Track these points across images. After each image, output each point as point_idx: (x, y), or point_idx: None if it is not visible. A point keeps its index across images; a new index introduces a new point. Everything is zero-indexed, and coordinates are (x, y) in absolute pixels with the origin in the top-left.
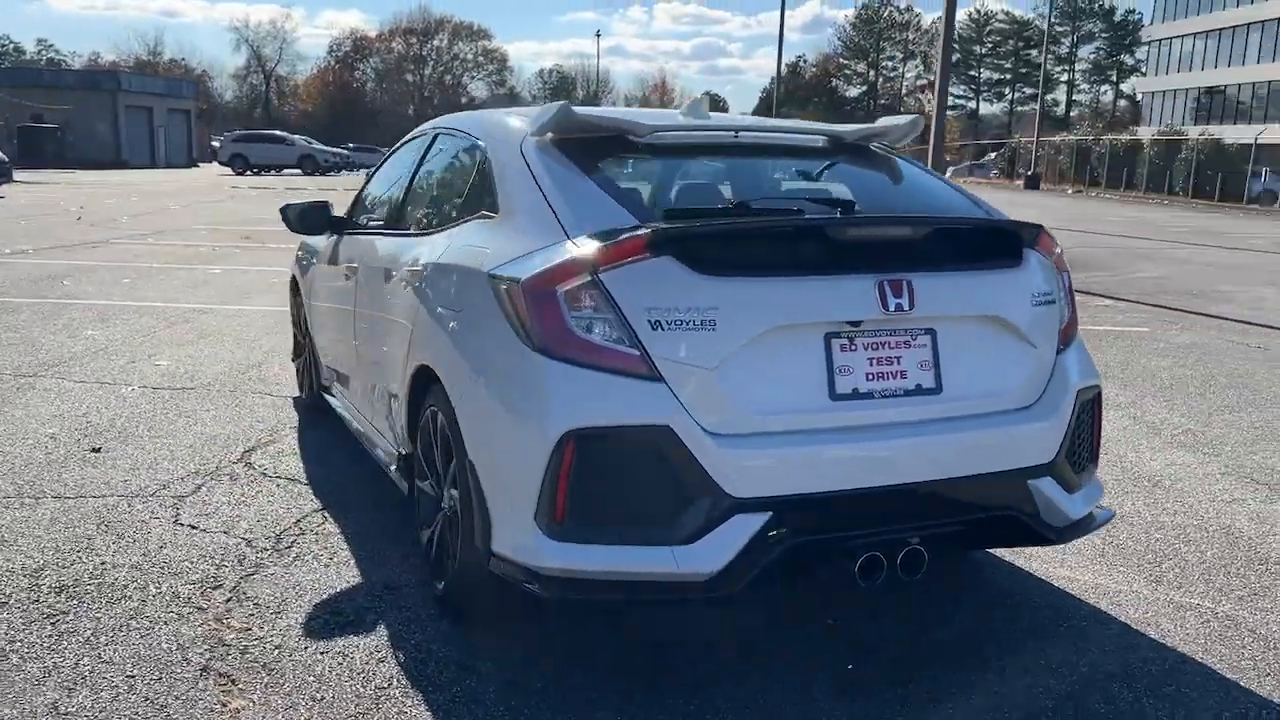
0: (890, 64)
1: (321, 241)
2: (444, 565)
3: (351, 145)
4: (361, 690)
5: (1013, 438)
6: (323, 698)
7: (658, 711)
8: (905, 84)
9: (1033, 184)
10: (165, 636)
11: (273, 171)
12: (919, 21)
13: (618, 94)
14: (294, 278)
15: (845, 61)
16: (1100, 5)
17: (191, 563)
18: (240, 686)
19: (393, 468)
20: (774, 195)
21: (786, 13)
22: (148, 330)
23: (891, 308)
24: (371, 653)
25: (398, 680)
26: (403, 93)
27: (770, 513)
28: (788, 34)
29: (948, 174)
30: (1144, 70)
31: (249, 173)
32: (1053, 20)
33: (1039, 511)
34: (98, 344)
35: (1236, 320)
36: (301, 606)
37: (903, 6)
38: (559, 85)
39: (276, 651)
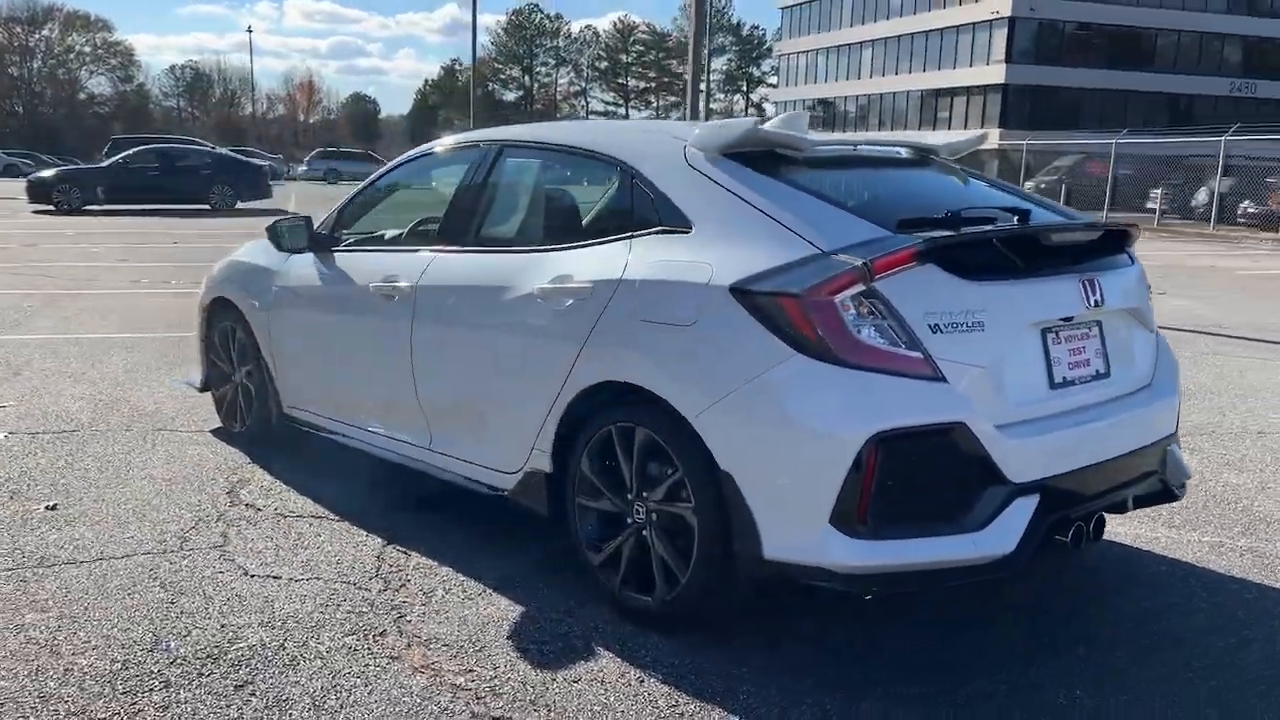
0: (544, 70)
1: (293, 261)
2: (650, 578)
3: None
4: (658, 710)
5: (1157, 411)
6: None
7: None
8: (559, 90)
9: None
10: (398, 692)
11: None
12: (568, 30)
13: (260, 94)
14: (210, 303)
15: (500, 65)
16: (729, 20)
17: (322, 613)
18: None
19: (504, 491)
20: (968, 205)
21: (423, 15)
22: None
23: (1091, 304)
24: (623, 673)
25: (679, 699)
26: (7, 87)
27: (1039, 494)
28: (428, 36)
29: None
30: (775, 82)
31: None
32: (689, 34)
33: (1169, 474)
34: None
35: None
36: (500, 639)
37: (552, 15)
38: (194, 83)
39: (538, 688)
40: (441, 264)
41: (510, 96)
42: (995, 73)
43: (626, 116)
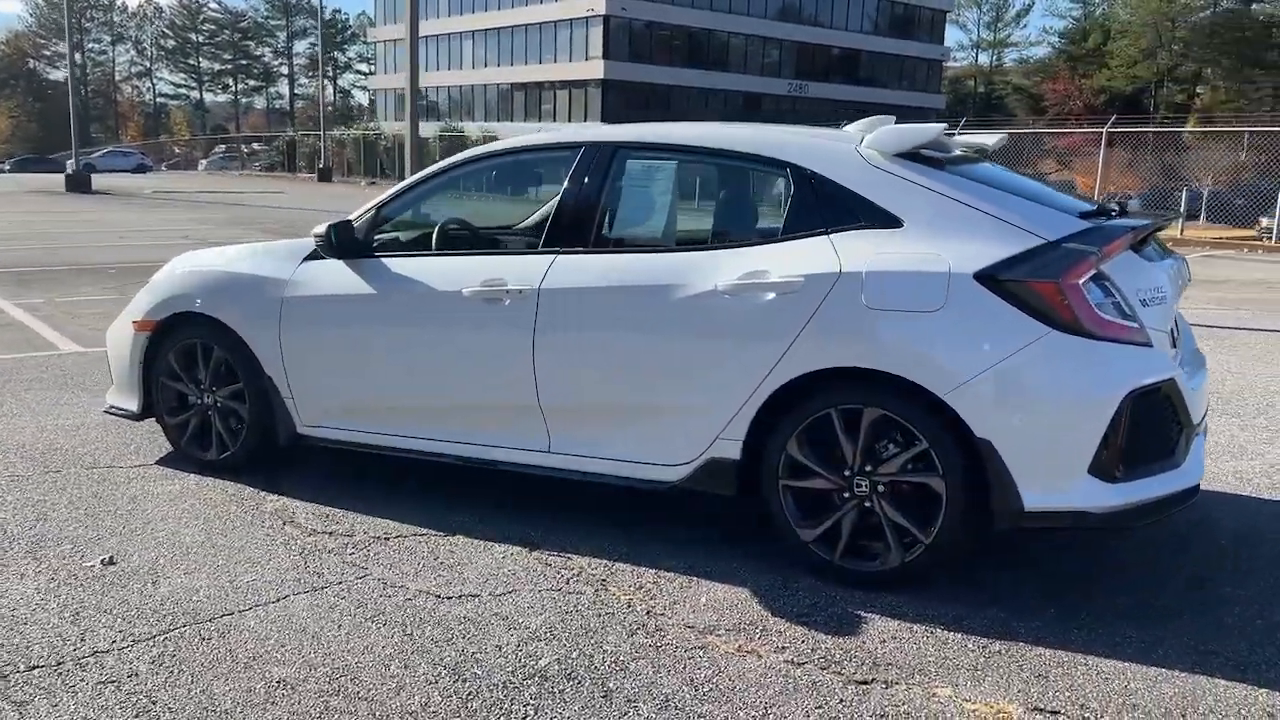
0: (98, 47)
1: (312, 269)
2: (871, 546)
3: None
4: (971, 649)
5: (1204, 380)
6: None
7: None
8: (119, 70)
9: (325, 177)
10: (764, 676)
11: None
12: (123, 3)
13: None
14: (160, 321)
15: (43, 40)
16: (308, 2)
17: (579, 619)
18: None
19: (670, 483)
20: (1065, 197)
21: None
22: None
23: (1181, 283)
24: (901, 627)
25: (972, 639)
26: None
27: (1201, 432)
28: None
29: (201, 167)
30: (365, 69)
31: None
32: (267, 14)
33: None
34: None
35: None
36: (767, 616)
37: None
38: None
39: (851, 649)
40: (570, 266)
41: (58, 75)
42: (594, 68)
43: (201, 101)
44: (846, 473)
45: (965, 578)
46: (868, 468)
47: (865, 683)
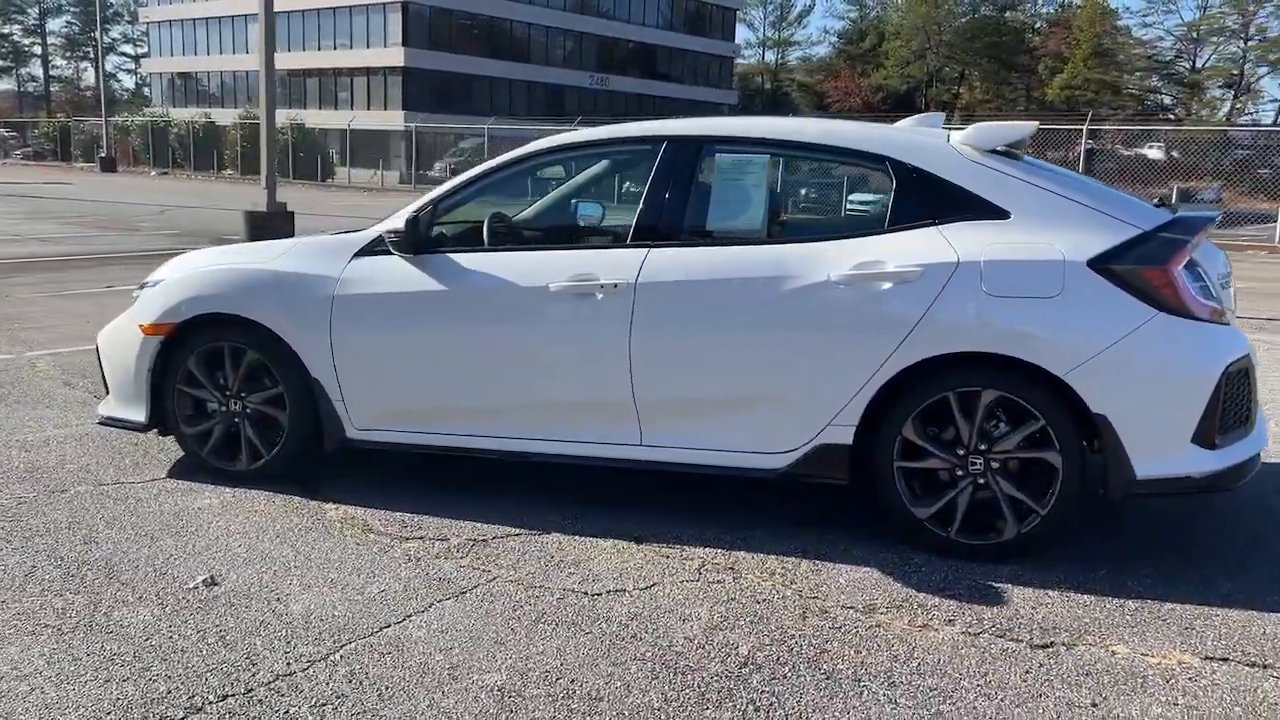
0: None
1: (366, 265)
2: (982, 522)
3: None
4: (1116, 606)
5: None
6: None
7: None
8: None
9: (109, 166)
10: (981, 653)
11: None
12: None
13: None
14: (180, 324)
15: None
16: None
17: (781, 611)
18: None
19: (776, 470)
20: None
21: None
22: None
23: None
24: (1051, 596)
25: (1110, 601)
26: None
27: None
28: None
29: None
30: (132, 51)
31: None
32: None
33: None
34: None
35: None
36: (919, 596)
37: None
38: None
39: (1025, 619)
40: (667, 259)
41: None
42: (395, 55)
43: None
44: (961, 452)
45: (1072, 544)
46: (983, 446)
47: (1046, 646)
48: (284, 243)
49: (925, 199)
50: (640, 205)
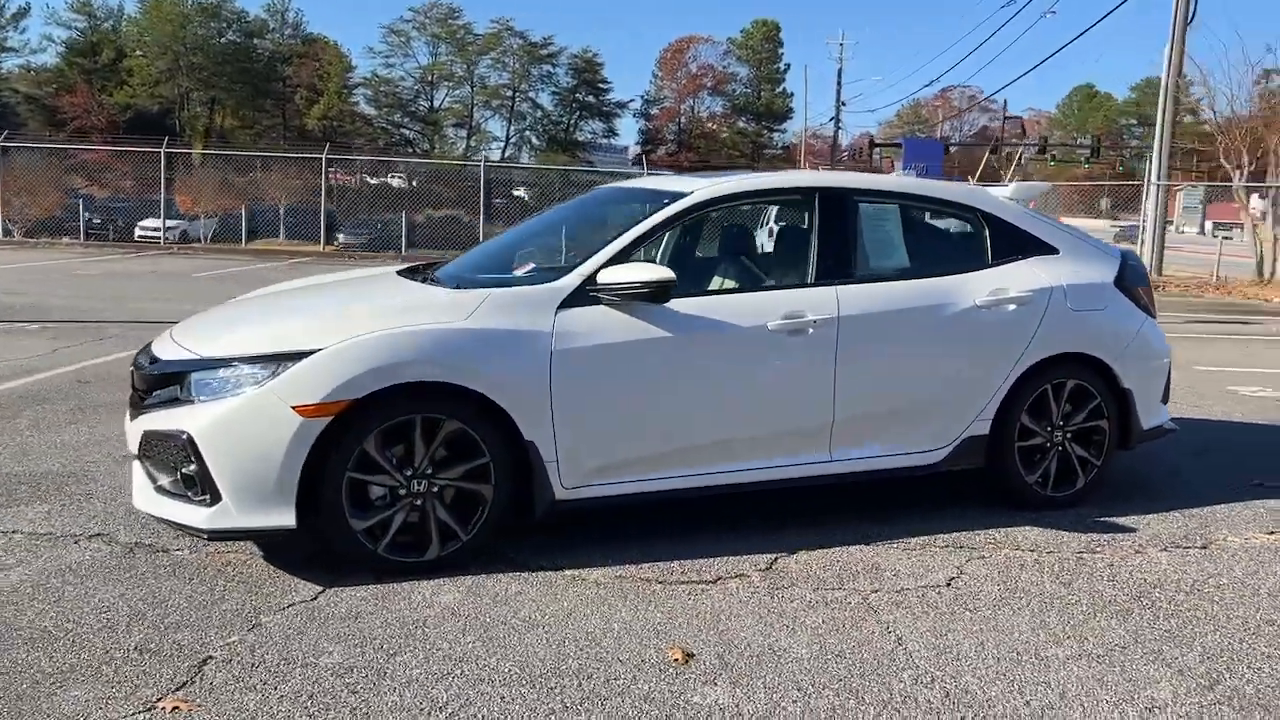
0: None
1: (581, 316)
2: (1060, 477)
3: None
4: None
5: None
6: None
7: None
8: None
9: None
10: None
11: None
12: None
13: None
14: (359, 400)
15: None
16: None
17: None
18: None
19: (932, 464)
20: None
21: None
22: None
23: None
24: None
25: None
26: None
27: None
28: None
29: None
30: None
31: None
32: None
33: None
34: None
35: None
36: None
37: None
38: None
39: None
40: (854, 295)
41: None
42: None
43: None
44: (1048, 428)
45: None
46: (1061, 423)
47: (1206, 546)
48: (467, 295)
49: (1008, 240)
50: (815, 249)
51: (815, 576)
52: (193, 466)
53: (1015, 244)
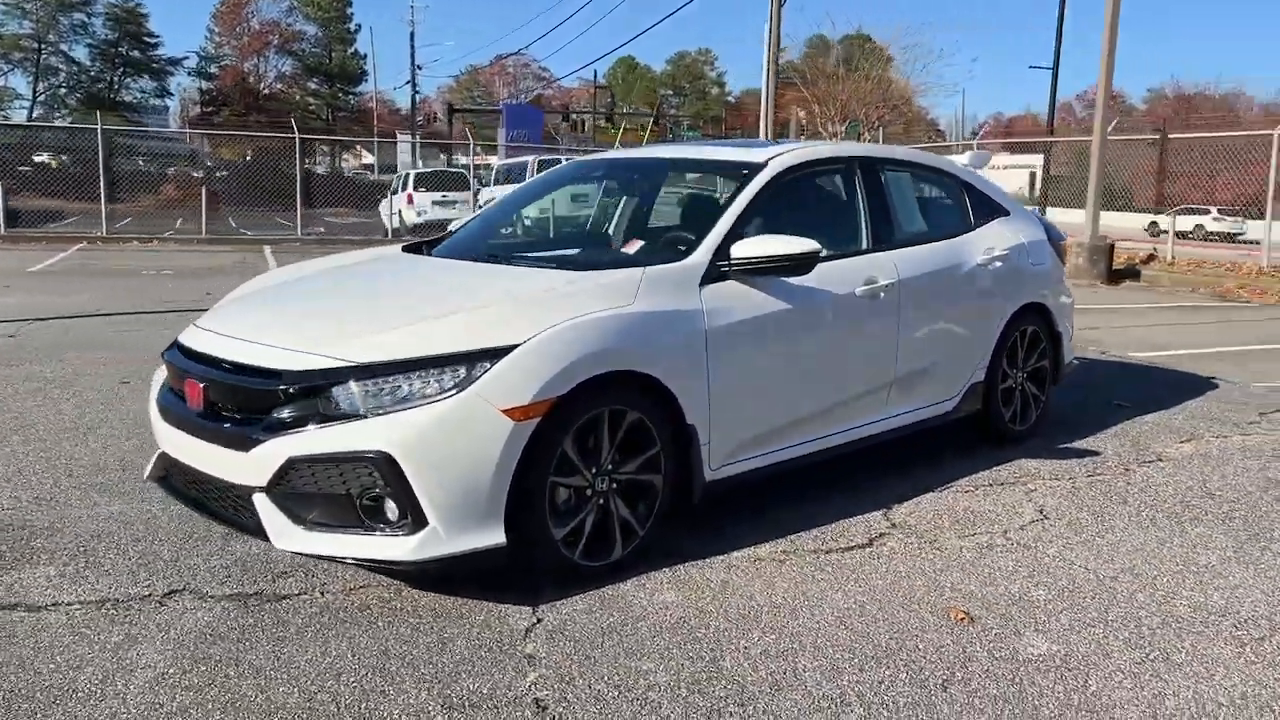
0: None
1: (721, 291)
2: (1026, 412)
3: None
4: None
5: None
6: None
7: None
8: None
9: None
10: None
11: None
12: None
13: None
14: (559, 398)
15: None
16: None
17: None
18: None
19: (949, 411)
20: None
21: None
22: None
23: None
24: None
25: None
26: None
27: None
28: None
29: None
30: None
31: None
32: None
33: None
34: None
35: None
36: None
37: None
38: None
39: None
40: (904, 259)
41: None
42: None
43: None
44: (1015, 371)
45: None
46: (1022, 364)
47: (1160, 458)
48: (619, 276)
49: (980, 204)
50: (866, 217)
51: (944, 525)
52: (385, 488)
53: (987, 208)
